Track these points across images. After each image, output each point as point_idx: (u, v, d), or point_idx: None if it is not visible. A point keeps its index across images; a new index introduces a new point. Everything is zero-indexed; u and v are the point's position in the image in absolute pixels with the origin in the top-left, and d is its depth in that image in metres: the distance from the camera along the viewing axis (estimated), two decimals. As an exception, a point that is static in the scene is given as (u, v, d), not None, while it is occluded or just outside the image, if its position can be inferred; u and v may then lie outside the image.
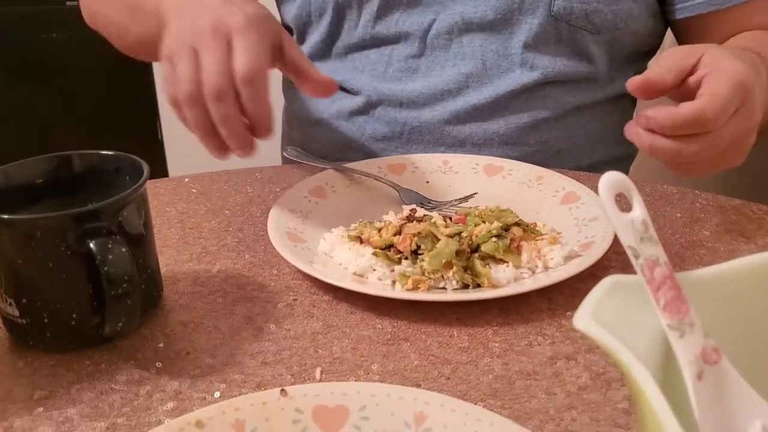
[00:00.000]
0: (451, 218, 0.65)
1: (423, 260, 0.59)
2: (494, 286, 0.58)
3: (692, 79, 0.62)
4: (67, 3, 1.84)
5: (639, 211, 0.37)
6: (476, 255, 0.60)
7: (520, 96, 0.87)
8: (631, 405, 0.47)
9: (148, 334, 0.55)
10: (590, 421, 0.46)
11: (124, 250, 0.50)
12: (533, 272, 0.60)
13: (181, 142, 1.99)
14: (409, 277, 0.58)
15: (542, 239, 0.62)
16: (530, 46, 0.86)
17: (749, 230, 0.69)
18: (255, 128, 0.61)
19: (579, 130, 0.91)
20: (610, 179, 0.38)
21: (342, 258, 0.62)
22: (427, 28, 0.87)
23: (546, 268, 0.60)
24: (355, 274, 0.61)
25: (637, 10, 0.87)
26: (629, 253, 0.37)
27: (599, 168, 0.93)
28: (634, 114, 1.02)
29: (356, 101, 0.92)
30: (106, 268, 0.49)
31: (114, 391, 0.50)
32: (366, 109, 0.91)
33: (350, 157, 0.92)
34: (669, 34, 0.96)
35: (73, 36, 1.85)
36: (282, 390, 0.44)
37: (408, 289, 0.58)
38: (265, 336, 0.55)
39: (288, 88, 1.05)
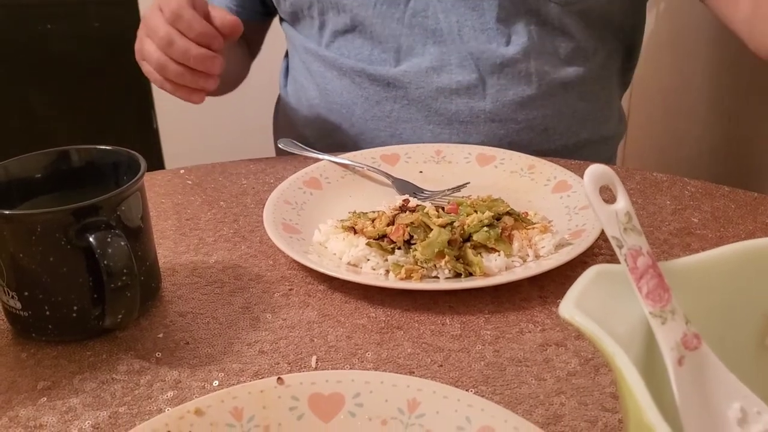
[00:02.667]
0: (443, 208, 0.66)
1: (416, 250, 0.60)
2: (486, 275, 0.59)
3: None
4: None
5: (623, 202, 0.39)
6: (468, 244, 0.61)
7: (504, 71, 0.88)
8: (617, 390, 0.48)
9: (147, 325, 0.57)
10: (578, 405, 0.47)
11: (123, 243, 0.51)
12: (524, 261, 0.61)
13: (175, 132, 2.00)
14: (402, 266, 0.60)
15: (533, 228, 0.63)
16: (502, 19, 0.87)
17: (737, 216, 0.70)
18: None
19: (566, 108, 0.92)
20: (595, 172, 0.39)
21: (336, 248, 0.63)
22: (403, 9, 0.89)
23: (537, 256, 0.62)
24: (349, 264, 0.62)
25: None
26: (613, 243, 0.38)
27: (586, 147, 0.95)
28: (627, 93, 1.03)
29: (345, 84, 0.93)
30: (105, 262, 0.50)
31: (115, 381, 0.51)
32: (354, 90, 0.93)
33: (341, 140, 0.93)
34: (651, 16, 0.98)
35: (68, 28, 1.85)
36: (279, 378, 0.45)
37: (401, 279, 0.59)
38: (262, 325, 0.56)
39: (283, 75, 1.06)
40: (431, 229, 0.62)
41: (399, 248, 0.61)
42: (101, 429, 0.47)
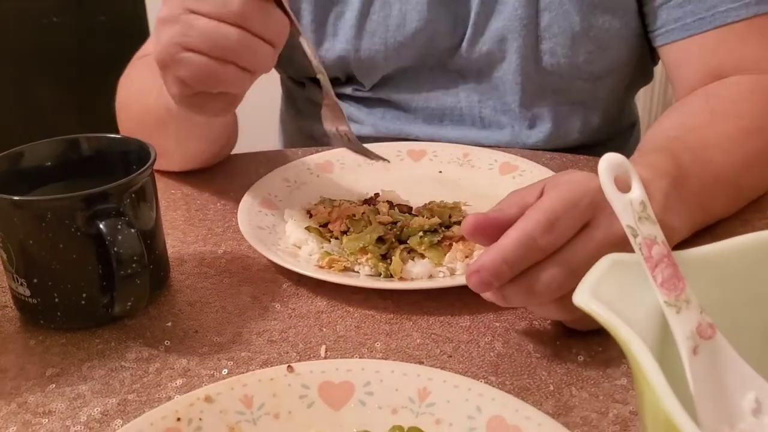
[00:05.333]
0: (410, 209, 0.66)
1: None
2: (402, 279, 0.58)
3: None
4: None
5: (638, 191, 0.38)
6: (402, 246, 0.61)
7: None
8: (629, 381, 0.48)
9: (156, 314, 0.57)
10: (589, 396, 0.47)
11: (133, 231, 0.51)
12: (452, 273, 0.59)
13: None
14: (329, 255, 0.60)
15: None
16: (525, 103, 0.86)
17: (746, 212, 0.69)
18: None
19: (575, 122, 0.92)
20: (610, 161, 0.39)
21: (289, 228, 0.65)
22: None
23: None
24: (294, 245, 0.63)
25: (627, 55, 0.86)
26: (628, 232, 0.38)
27: (604, 143, 0.93)
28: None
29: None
30: (115, 249, 0.50)
31: (124, 369, 0.51)
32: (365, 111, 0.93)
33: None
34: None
35: (72, 20, 1.85)
36: (289, 366, 0.45)
37: (320, 267, 0.59)
38: (271, 315, 0.56)
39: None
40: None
41: (336, 238, 0.62)
42: (110, 416, 0.47)
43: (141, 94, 0.78)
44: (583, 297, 0.36)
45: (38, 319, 0.55)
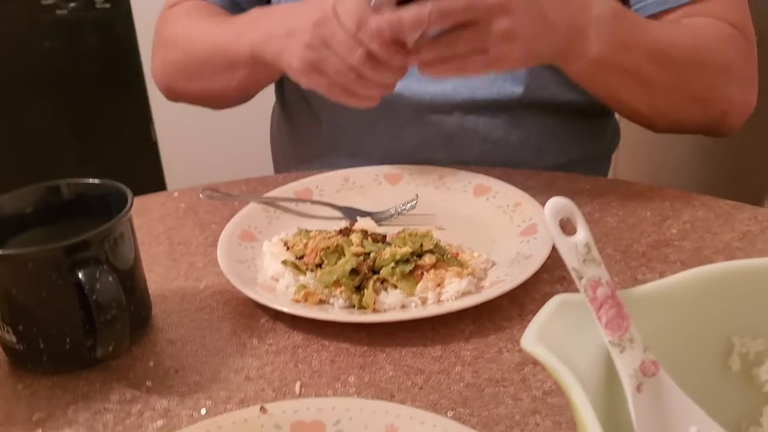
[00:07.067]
0: (384, 237, 0.67)
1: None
2: (375, 311, 0.60)
3: None
4: (57, 12, 1.86)
5: (582, 234, 0.40)
6: (376, 277, 0.62)
7: (496, 99, 0.90)
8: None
9: (139, 353, 0.59)
10: (552, 425, 0.49)
11: (110, 278, 0.53)
12: (423, 303, 0.61)
13: (174, 145, 2.02)
14: (305, 288, 0.62)
15: (449, 270, 0.62)
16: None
17: (715, 226, 0.71)
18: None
19: (559, 127, 0.93)
20: (556, 204, 0.40)
21: (267, 261, 0.67)
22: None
23: (438, 300, 0.61)
24: (272, 278, 0.65)
25: None
26: (573, 274, 0.40)
27: (580, 165, 0.95)
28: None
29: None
30: (94, 297, 0.52)
31: (107, 411, 0.53)
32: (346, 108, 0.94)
33: (337, 158, 0.94)
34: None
35: (66, 45, 1.87)
36: (261, 407, 0.47)
37: (296, 301, 0.61)
38: (249, 351, 0.58)
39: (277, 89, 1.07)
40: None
41: (311, 270, 0.64)
42: (94, 459, 0.49)
43: (188, 37, 0.93)
44: (529, 340, 0.37)
45: (25, 364, 0.57)
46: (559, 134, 0.94)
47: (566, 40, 0.72)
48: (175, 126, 1.95)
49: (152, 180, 1.96)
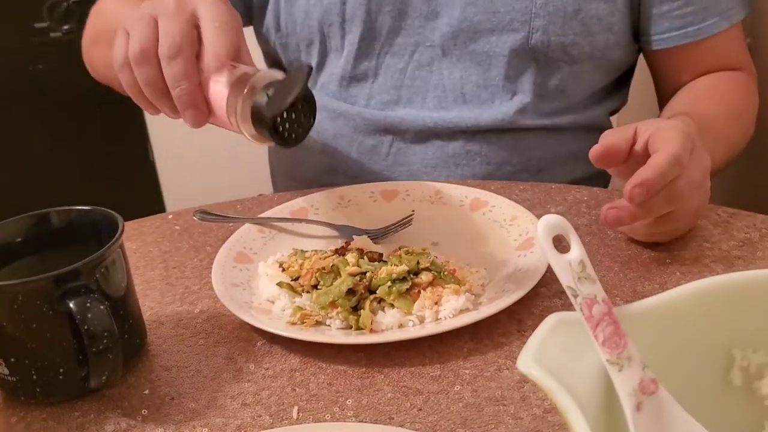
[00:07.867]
0: (381, 256, 0.66)
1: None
2: (373, 331, 0.59)
3: (638, 146, 0.65)
4: (51, 35, 1.86)
5: (576, 251, 0.40)
6: (372, 297, 0.62)
7: (500, 126, 0.90)
8: None
9: (134, 381, 0.58)
10: (554, 444, 0.48)
11: (102, 307, 0.52)
12: (421, 321, 0.60)
13: (172, 165, 2.02)
14: (302, 310, 0.61)
15: (446, 288, 0.62)
16: (510, 77, 0.88)
17: (714, 235, 0.71)
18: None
19: (561, 149, 0.94)
20: (549, 222, 0.40)
21: (262, 284, 0.66)
22: (408, 60, 0.90)
23: (436, 318, 0.60)
24: (268, 300, 0.64)
25: (614, 41, 0.89)
26: (568, 292, 0.39)
27: (582, 183, 0.95)
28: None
29: (340, 125, 0.94)
30: (86, 327, 0.51)
31: (102, 442, 0.52)
32: (349, 132, 0.94)
33: (338, 180, 0.94)
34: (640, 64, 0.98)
35: (60, 67, 1.87)
36: (257, 436, 0.46)
37: (293, 323, 0.61)
38: (245, 377, 0.57)
39: None
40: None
41: (307, 292, 0.63)
42: (88, 493, 0.48)
43: (108, 10, 0.93)
44: (526, 361, 0.37)
45: (18, 396, 0.56)
46: (560, 155, 0.94)
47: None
48: (172, 145, 1.94)
49: (151, 199, 1.95)
